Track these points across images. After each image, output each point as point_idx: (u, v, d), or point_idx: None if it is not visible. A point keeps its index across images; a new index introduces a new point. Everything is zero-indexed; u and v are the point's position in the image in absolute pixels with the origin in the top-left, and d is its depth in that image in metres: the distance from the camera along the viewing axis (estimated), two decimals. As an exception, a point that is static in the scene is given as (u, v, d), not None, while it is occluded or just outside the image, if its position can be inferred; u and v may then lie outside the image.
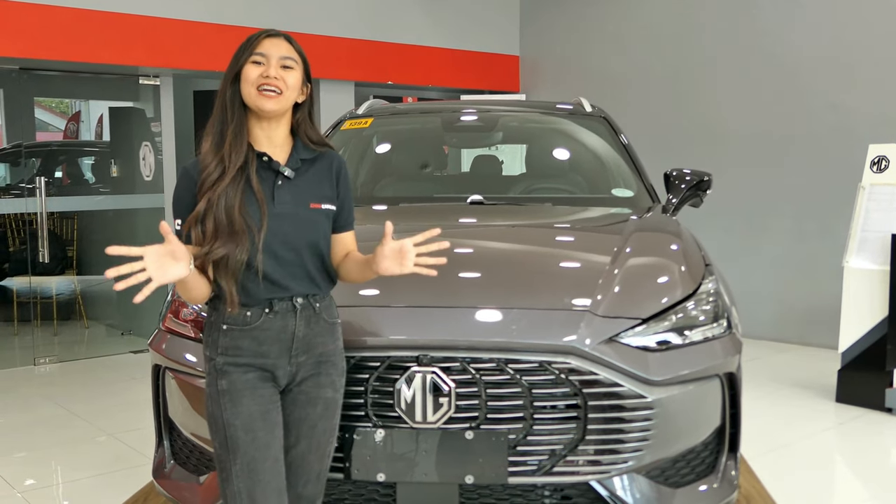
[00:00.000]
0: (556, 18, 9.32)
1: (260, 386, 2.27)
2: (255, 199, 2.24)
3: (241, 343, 2.26)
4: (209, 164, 2.24)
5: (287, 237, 2.26)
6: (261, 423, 2.24)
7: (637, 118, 7.98)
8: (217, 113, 2.29)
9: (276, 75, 2.25)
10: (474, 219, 3.59)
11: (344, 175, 2.42)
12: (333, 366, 2.36)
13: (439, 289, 2.72)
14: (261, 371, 2.28)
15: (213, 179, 2.22)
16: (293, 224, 2.27)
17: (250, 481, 2.22)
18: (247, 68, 2.26)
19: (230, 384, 2.25)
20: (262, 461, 2.22)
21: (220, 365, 2.27)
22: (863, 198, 5.49)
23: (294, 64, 2.29)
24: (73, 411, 5.37)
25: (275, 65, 2.26)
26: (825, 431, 4.92)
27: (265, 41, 2.28)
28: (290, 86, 2.27)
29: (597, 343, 2.51)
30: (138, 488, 3.97)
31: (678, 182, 4.04)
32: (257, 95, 2.24)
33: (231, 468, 2.23)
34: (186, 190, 2.28)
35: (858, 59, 6.90)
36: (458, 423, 2.48)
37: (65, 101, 9.53)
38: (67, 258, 8.28)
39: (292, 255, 2.27)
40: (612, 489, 2.52)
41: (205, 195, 2.21)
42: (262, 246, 2.21)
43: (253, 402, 2.25)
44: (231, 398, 2.25)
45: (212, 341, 2.30)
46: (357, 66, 8.21)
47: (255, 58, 2.26)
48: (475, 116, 4.68)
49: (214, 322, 2.30)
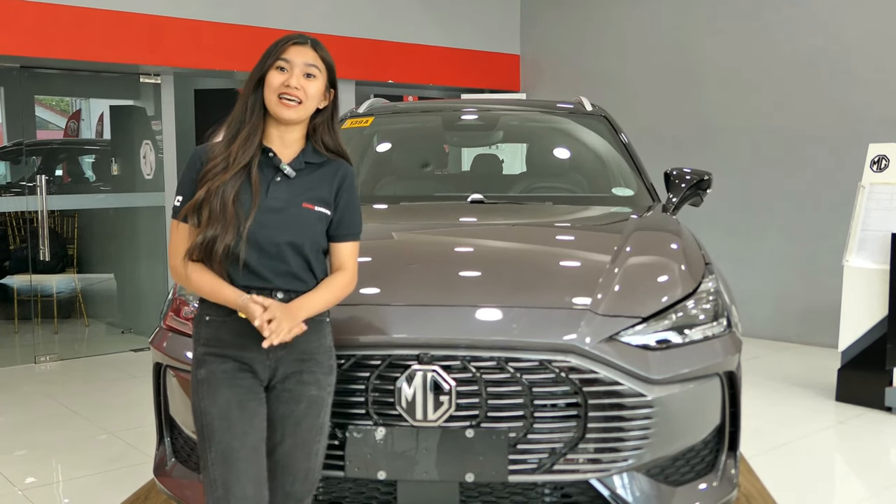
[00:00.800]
0: (556, 17, 9.33)
1: (238, 376, 2.28)
2: (251, 190, 2.28)
3: (221, 334, 2.29)
4: (216, 156, 2.29)
5: (270, 232, 2.27)
6: (237, 412, 2.25)
7: (638, 117, 7.98)
8: (238, 111, 2.35)
9: (298, 85, 2.29)
10: (475, 218, 3.60)
11: (348, 185, 2.41)
12: (318, 364, 2.36)
13: (440, 287, 2.74)
14: (239, 363, 2.29)
15: (216, 172, 2.27)
16: (280, 220, 2.29)
17: (225, 469, 2.22)
18: (270, 74, 2.30)
19: (208, 373, 2.28)
20: (239, 449, 2.23)
21: (200, 355, 2.31)
22: (863, 197, 5.50)
23: (317, 72, 2.33)
24: (73, 409, 5.38)
25: (297, 74, 2.30)
26: (825, 430, 4.93)
27: (291, 48, 2.32)
28: (310, 95, 2.31)
29: (597, 342, 2.52)
30: (139, 486, 3.98)
31: (678, 181, 4.05)
32: (277, 103, 2.29)
33: (208, 456, 2.25)
34: (193, 171, 2.33)
35: (859, 58, 6.91)
36: (458, 421, 2.48)
37: (65, 99, 9.53)
38: (68, 256, 8.29)
39: (274, 249, 2.28)
40: (612, 487, 2.53)
41: (205, 184, 2.26)
42: (247, 235, 2.24)
43: (230, 391, 2.26)
44: (209, 387, 2.27)
45: (196, 333, 2.35)
46: (358, 64, 8.22)
47: (279, 63, 2.30)
48: (476, 115, 4.69)
49: (200, 314, 2.35)
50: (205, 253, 2.24)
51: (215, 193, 2.24)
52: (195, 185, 2.30)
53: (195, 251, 2.24)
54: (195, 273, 2.26)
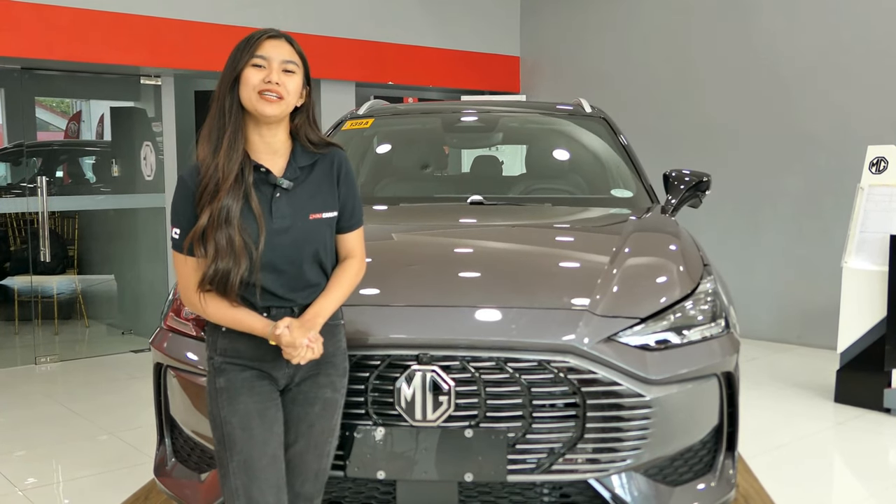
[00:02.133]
0: (556, 19, 9.34)
1: (258, 384, 2.28)
2: (254, 216, 2.20)
3: (239, 346, 2.28)
4: (208, 171, 2.19)
5: (286, 251, 2.24)
6: (258, 421, 2.25)
7: (637, 119, 7.99)
8: (214, 117, 2.23)
9: (279, 80, 2.20)
10: (474, 219, 3.61)
11: (346, 173, 2.37)
12: (333, 366, 2.37)
13: (439, 288, 2.75)
14: (258, 371, 2.30)
15: (212, 190, 2.17)
16: (292, 238, 2.25)
17: (247, 478, 2.22)
18: (247, 71, 2.20)
19: (227, 382, 2.27)
20: (259, 458, 2.23)
21: (218, 364, 2.30)
22: (862, 199, 5.51)
23: (295, 68, 2.25)
24: (73, 410, 5.39)
25: (276, 69, 2.20)
26: (824, 431, 4.94)
27: (266, 43, 2.22)
28: (290, 91, 2.23)
29: (595, 342, 2.53)
30: (139, 486, 3.99)
31: (677, 183, 4.06)
32: (258, 99, 2.18)
33: (228, 465, 2.25)
34: (184, 199, 2.23)
35: (857, 60, 6.92)
36: (457, 421, 2.49)
37: (66, 100, 9.54)
38: (68, 257, 8.30)
39: (292, 267, 2.25)
40: (610, 487, 2.54)
41: (205, 209, 2.18)
42: (261, 262, 2.20)
43: (250, 399, 2.26)
44: (228, 396, 2.26)
45: (211, 342, 2.32)
46: (358, 66, 8.24)
47: (255, 60, 2.20)
48: (475, 117, 4.69)
49: (215, 324, 2.31)
50: (219, 287, 2.18)
51: (217, 224, 2.15)
52: (191, 213, 2.21)
53: (207, 283, 2.18)
54: (211, 306, 2.21)
